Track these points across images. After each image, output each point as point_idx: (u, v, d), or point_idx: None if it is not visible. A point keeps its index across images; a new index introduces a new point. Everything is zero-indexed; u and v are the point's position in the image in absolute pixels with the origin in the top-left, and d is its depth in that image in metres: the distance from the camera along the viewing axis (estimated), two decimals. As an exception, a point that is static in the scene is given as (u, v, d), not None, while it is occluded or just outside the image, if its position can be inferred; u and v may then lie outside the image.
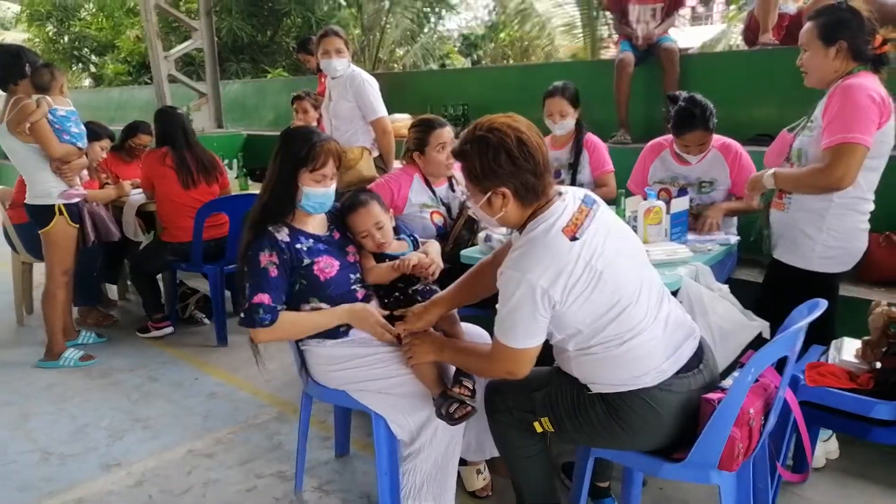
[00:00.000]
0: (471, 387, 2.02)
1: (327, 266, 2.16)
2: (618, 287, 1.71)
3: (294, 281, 2.13)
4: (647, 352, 1.74)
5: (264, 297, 2.04)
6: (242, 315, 2.08)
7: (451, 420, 1.97)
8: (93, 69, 16.20)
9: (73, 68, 16.01)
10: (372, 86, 3.97)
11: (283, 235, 2.13)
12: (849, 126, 2.21)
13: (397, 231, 2.43)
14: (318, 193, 2.16)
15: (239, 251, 2.15)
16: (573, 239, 1.69)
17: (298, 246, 2.14)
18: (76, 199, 3.63)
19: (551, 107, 3.38)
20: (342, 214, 2.33)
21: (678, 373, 1.77)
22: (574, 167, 3.39)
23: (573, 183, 3.38)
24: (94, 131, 4.16)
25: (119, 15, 14.55)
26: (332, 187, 2.21)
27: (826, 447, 2.63)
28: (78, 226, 3.66)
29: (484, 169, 1.72)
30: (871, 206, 2.41)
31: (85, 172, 3.88)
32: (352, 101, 3.98)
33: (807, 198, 2.41)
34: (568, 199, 1.76)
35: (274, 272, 2.07)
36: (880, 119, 2.25)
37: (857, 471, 2.58)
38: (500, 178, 1.72)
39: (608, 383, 1.77)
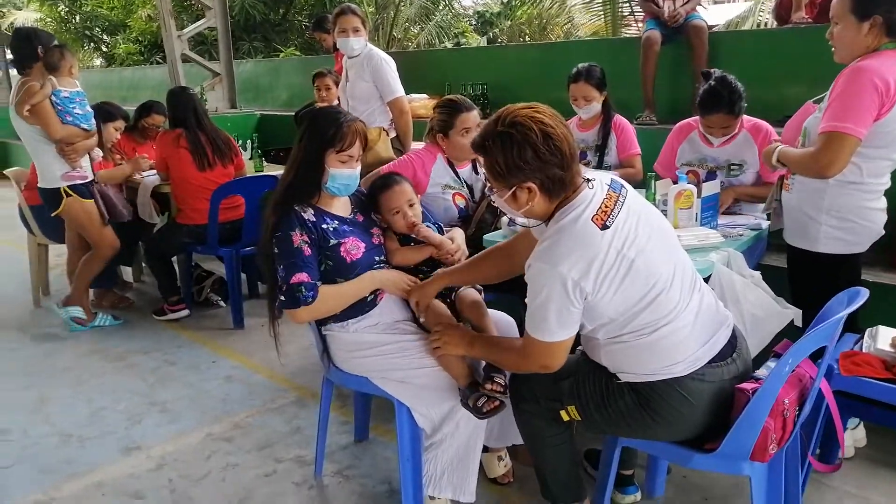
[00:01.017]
0: (503, 382, 1.97)
1: (353, 248, 2.13)
2: (651, 273, 1.65)
3: (320, 262, 2.10)
4: (680, 340, 1.69)
5: (303, 276, 2.01)
6: (283, 298, 2.04)
7: (479, 414, 1.95)
8: (104, 49, 16.18)
9: (85, 48, 16.01)
10: (389, 65, 3.90)
11: (308, 215, 2.10)
12: (844, 115, 2.13)
13: (423, 218, 2.40)
14: (344, 175, 2.13)
15: (263, 234, 2.11)
16: (603, 227, 1.63)
17: (325, 226, 2.11)
18: (79, 181, 3.61)
19: (576, 91, 3.31)
20: (371, 195, 2.32)
21: (711, 362, 1.72)
22: (602, 149, 3.33)
23: (600, 165, 3.31)
24: (108, 112, 4.12)
25: (131, -6, 14.49)
26: (358, 169, 2.18)
27: (854, 435, 2.58)
28: (92, 200, 3.66)
29: (508, 165, 1.65)
30: (885, 185, 2.32)
31: (99, 153, 3.86)
32: (369, 80, 3.92)
33: (807, 179, 2.35)
34: (596, 186, 1.70)
35: (308, 251, 2.04)
36: (881, 108, 2.15)
37: (884, 460, 2.53)
38: (526, 173, 1.65)
39: (639, 372, 1.72)
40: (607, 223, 1.64)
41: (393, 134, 4.02)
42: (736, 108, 2.80)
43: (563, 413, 1.87)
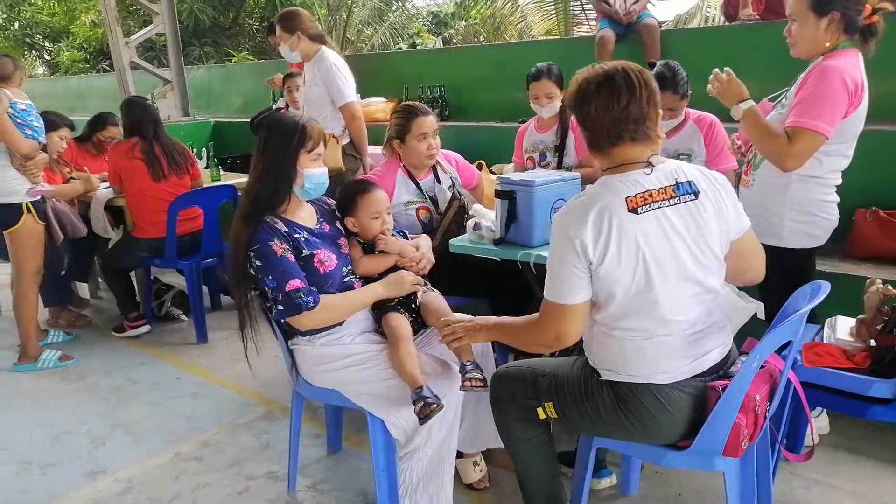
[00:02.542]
0: (480, 377, 1.98)
1: (326, 259, 2.12)
2: (657, 275, 1.64)
3: None
4: (671, 352, 1.69)
5: (297, 282, 1.99)
6: (281, 307, 2.00)
7: (420, 419, 1.94)
8: (47, 57, 15.67)
9: (27, 56, 15.48)
10: (341, 70, 3.85)
11: (280, 226, 2.07)
12: (814, 112, 2.17)
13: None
14: (317, 174, 2.14)
15: (236, 249, 2.06)
16: (631, 210, 1.63)
17: (297, 236, 2.09)
18: (40, 197, 3.48)
19: (538, 90, 3.31)
20: (347, 198, 2.30)
21: (696, 376, 1.73)
22: (560, 150, 3.34)
23: (559, 165, 3.33)
24: (52, 121, 3.93)
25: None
26: (325, 168, 2.18)
27: (817, 423, 2.65)
28: (44, 223, 3.52)
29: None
30: (837, 181, 2.38)
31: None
32: (321, 85, 3.87)
33: (770, 175, 2.38)
34: (655, 174, 1.66)
35: (291, 258, 2.02)
36: (848, 107, 2.21)
37: (847, 446, 2.61)
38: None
39: (623, 372, 1.73)
40: (638, 210, 1.63)
41: (346, 140, 3.98)
42: (680, 89, 2.84)
43: (539, 410, 1.86)
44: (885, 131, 3.05)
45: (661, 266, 1.64)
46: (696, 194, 1.69)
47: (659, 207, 1.64)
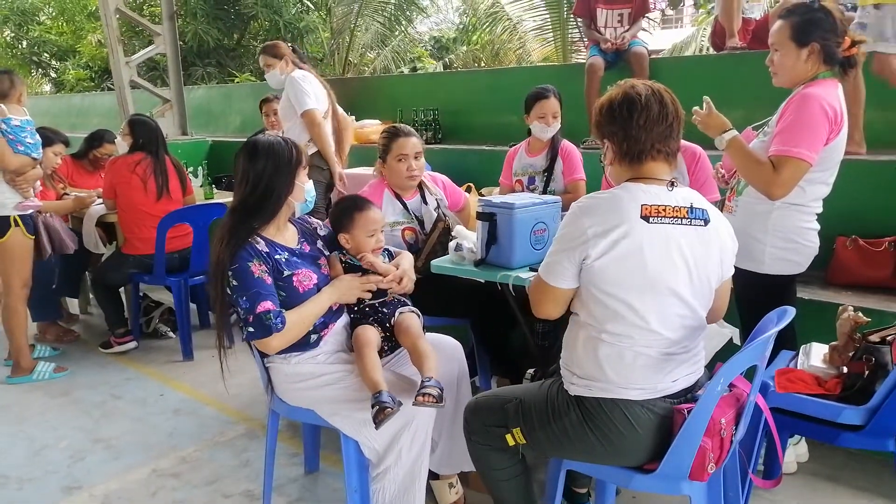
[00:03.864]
0: (434, 394, 1.96)
1: (305, 278, 2.14)
2: (651, 284, 1.68)
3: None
4: (648, 365, 1.72)
5: (268, 304, 2.00)
6: (251, 329, 2.01)
7: (375, 423, 1.94)
8: (53, 75, 15.85)
9: (33, 74, 15.66)
10: (301, 81, 4.10)
11: (262, 247, 2.09)
12: (797, 140, 2.20)
13: None
14: (311, 188, 2.27)
15: (215, 265, 2.08)
16: (644, 217, 1.67)
17: (277, 257, 2.11)
18: (31, 211, 3.51)
19: (545, 108, 3.32)
20: (343, 213, 2.32)
21: (666, 397, 1.75)
22: (548, 174, 3.37)
23: (545, 189, 3.36)
24: (47, 136, 3.96)
25: (80, 19, 14.26)
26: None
27: (796, 450, 2.65)
28: (34, 237, 3.55)
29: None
30: (819, 209, 2.40)
31: (38, 182, 3.76)
32: (287, 98, 4.17)
33: (752, 201, 2.40)
34: (675, 193, 1.73)
35: (268, 280, 2.04)
36: (829, 135, 2.24)
37: (826, 474, 2.60)
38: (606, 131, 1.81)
39: (598, 380, 1.74)
40: (650, 219, 1.68)
41: (314, 149, 4.13)
42: None
43: (508, 437, 1.87)
44: (866, 161, 3.08)
45: (657, 276, 1.68)
46: (707, 222, 1.74)
47: (671, 223, 1.69)
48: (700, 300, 1.76)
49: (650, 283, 1.68)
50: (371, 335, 2.18)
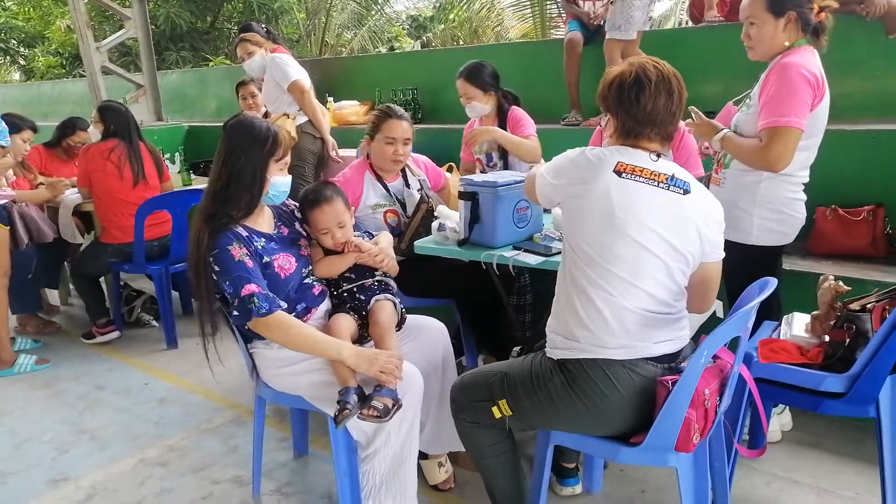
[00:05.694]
0: (380, 407, 1.90)
1: (286, 263, 2.12)
2: (622, 232, 1.70)
3: None
4: (629, 321, 1.73)
5: (252, 287, 1.97)
6: (235, 312, 1.99)
7: (335, 422, 1.94)
8: (22, 62, 15.49)
9: (1, 62, 15.29)
10: (282, 59, 4.18)
11: (241, 231, 2.06)
12: (784, 109, 2.20)
13: (354, 228, 2.38)
14: (284, 182, 2.18)
15: (195, 251, 2.04)
16: (615, 172, 1.71)
17: (255, 244, 2.08)
18: (3, 201, 3.44)
19: (458, 88, 3.33)
20: (301, 208, 2.29)
21: (647, 359, 1.76)
22: (504, 148, 3.33)
23: (505, 164, 3.33)
24: (14, 123, 3.87)
25: (47, 4, 13.91)
26: (290, 177, 2.22)
27: (780, 420, 2.69)
28: (9, 228, 3.48)
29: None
30: (805, 179, 2.42)
31: (10, 171, 3.68)
32: (271, 78, 4.21)
33: (739, 173, 2.41)
34: (658, 163, 1.75)
35: (250, 263, 2.01)
36: (813, 100, 2.25)
37: (809, 441, 2.65)
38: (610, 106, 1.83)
39: (579, 337, 1.75)
40: (622, 174, 1.70)
41: (302, 119, 4.17)
42: None
43: (494, 409, 1.88)
44: (844, 131, 3.09)
45: (625, 225, 1.70)
46: (686, 192, 1.75)
47: (645, 183, 1.71)
48: (677, 263, 1.75)
49: (619, 231, 1.70)
50: (344, 325, 2.16)
